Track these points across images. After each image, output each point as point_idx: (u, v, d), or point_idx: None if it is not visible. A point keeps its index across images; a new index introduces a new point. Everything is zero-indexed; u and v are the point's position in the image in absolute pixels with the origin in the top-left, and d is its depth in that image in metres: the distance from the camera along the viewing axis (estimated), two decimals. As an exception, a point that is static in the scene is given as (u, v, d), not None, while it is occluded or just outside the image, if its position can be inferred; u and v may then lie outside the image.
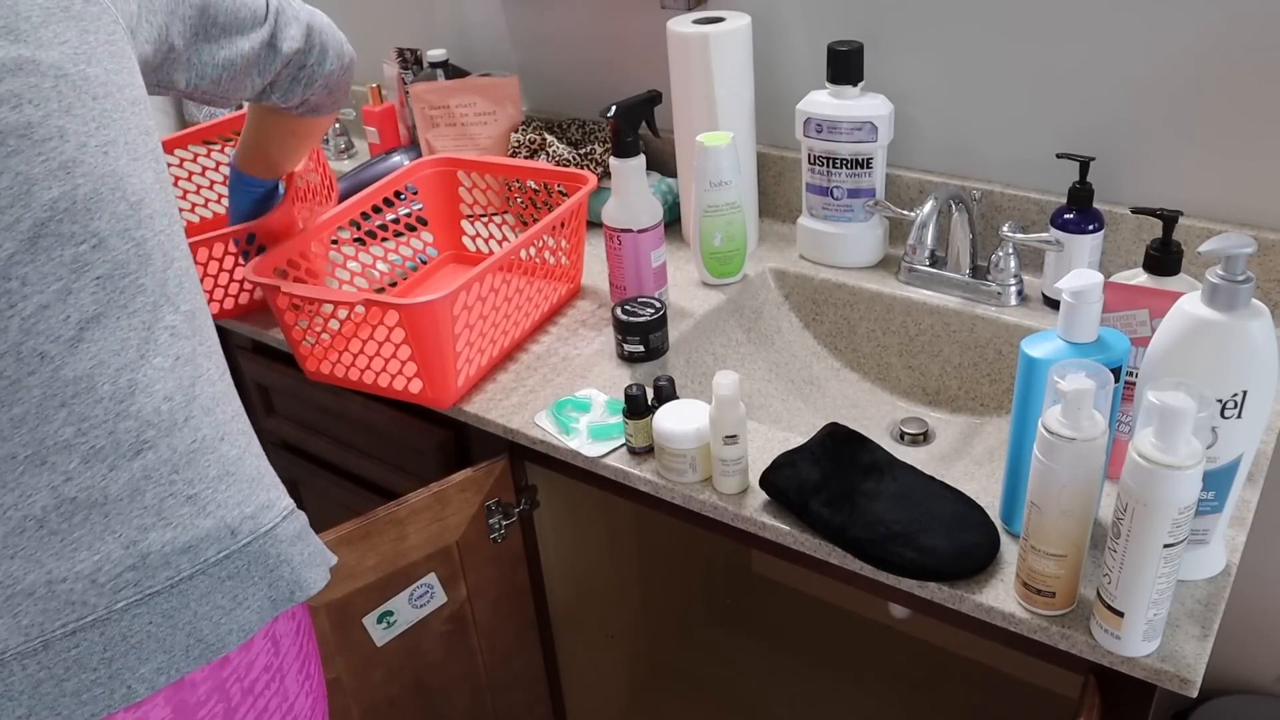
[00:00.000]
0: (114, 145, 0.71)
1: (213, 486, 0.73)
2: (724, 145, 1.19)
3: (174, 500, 0.71)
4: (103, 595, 0.68)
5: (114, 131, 0.72)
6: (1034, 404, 0.79)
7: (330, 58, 1.03)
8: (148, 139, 0.76)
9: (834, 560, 0.89)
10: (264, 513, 0.76)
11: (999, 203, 1.26)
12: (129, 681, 0.68)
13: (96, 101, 0.71)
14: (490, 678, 1.26)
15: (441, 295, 1.03)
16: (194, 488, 0.72)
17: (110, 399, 0.69)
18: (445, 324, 1.05)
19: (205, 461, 0.73)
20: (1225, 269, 0.71)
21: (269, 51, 0.96)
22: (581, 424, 1.06)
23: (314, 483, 1.47)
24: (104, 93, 0.72)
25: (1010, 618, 0.80)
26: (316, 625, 1.04)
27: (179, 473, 0.71)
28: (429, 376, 1.09)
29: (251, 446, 0.79)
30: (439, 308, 1.04)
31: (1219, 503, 0.78)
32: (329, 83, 1.04)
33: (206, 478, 0.73)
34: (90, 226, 0.69)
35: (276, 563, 0.76)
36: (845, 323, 1.30)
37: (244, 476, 0.76)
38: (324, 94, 1.05)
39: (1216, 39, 1.06)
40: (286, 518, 0.78)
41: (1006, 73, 1.21)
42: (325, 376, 1.18)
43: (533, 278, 1.21)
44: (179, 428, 0.72)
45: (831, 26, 1.31)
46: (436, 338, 1.05)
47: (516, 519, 1.18)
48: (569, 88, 1.62)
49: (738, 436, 0.92)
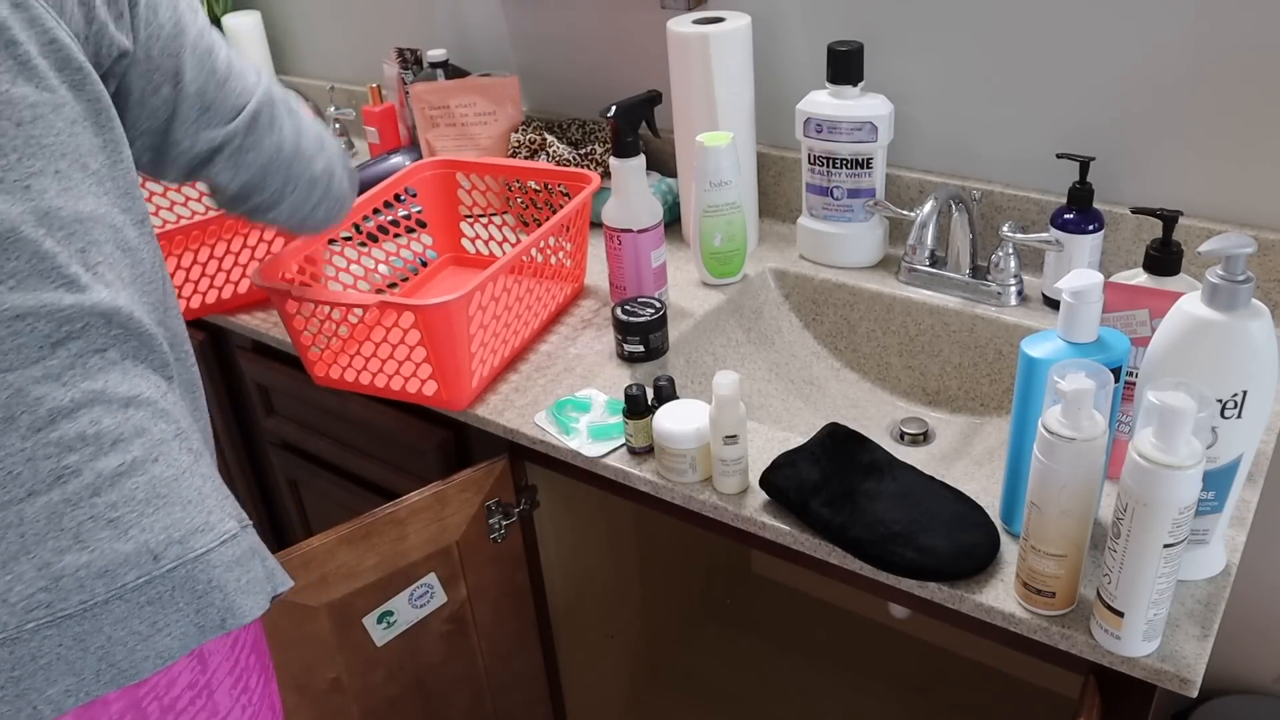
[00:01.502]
0: (40, 176, 0.68)
1: (138, 510, 0.71)
2: (724, 145, 1.19)
3: (93, 524, 0.69)
4: (14, 615, 0.67)
5: (41, 161, 0.69)
6: (1034, 404, 0.79)
7: (281, 213, 0.93)
8: (92, 159, 0.73)
9: (834, 560, 0.89)
10: (196, 537, 0.73)
11: (999, 203, 1.26)
12: (35, 702, 0.67)
13: (21, 129, 0.67)
14: (490, 678, 1.26)
15: (457, 296, 1.02)
16: (116, 511, 0.70)
17: (28, 428, 0.68)
18: (460, 325, 1.05)
19: (132, 484, 0.71)
20: (1225, 269, 0.71)
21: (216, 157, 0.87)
22: (582, 424, 1.05)
23: (314, 483, 1.47)
24: (32, 115, 0.68)
25: (1010, 618, 0.80)
26: (317, 625, 1.04)
27: (100, 495, 0.70)
28: (444, 378, 1.08)
29: (197, 466, 0.76)
30: (454, 308, 1.03)
31: (1219, 503, 0.78)
32: (278, 225, 0.96)
33: (131, 500, 0.71)
34: (6, 268, 0.67)
35: (207, 589, 0.73)
36: (845, 323, 1.30)
37: (178, 499, 0.73)
38: (276, 227, 0.97)
39: (1216, 39, 1.06)
40: (225, 542, 0.75)
41: (1006, 73, 1.21)
42: (334, 382, 1.17)
43: (540, 279, 1.21)
44: (105, 452, 0.71)
45: (831, 26, 1.31)
46: (451, 339, 1.05)
47: (516, 519, 1.18)
48: (569, 88, 1.62)
49: (738, 436, 0.92)
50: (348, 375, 1.16)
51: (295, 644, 1.04)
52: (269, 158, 0.88)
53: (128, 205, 0.76)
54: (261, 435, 1.53)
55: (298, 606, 1.02)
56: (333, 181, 0.96)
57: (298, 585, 1.01)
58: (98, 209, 0.73)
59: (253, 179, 0.88)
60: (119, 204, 0.75)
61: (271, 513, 1.68)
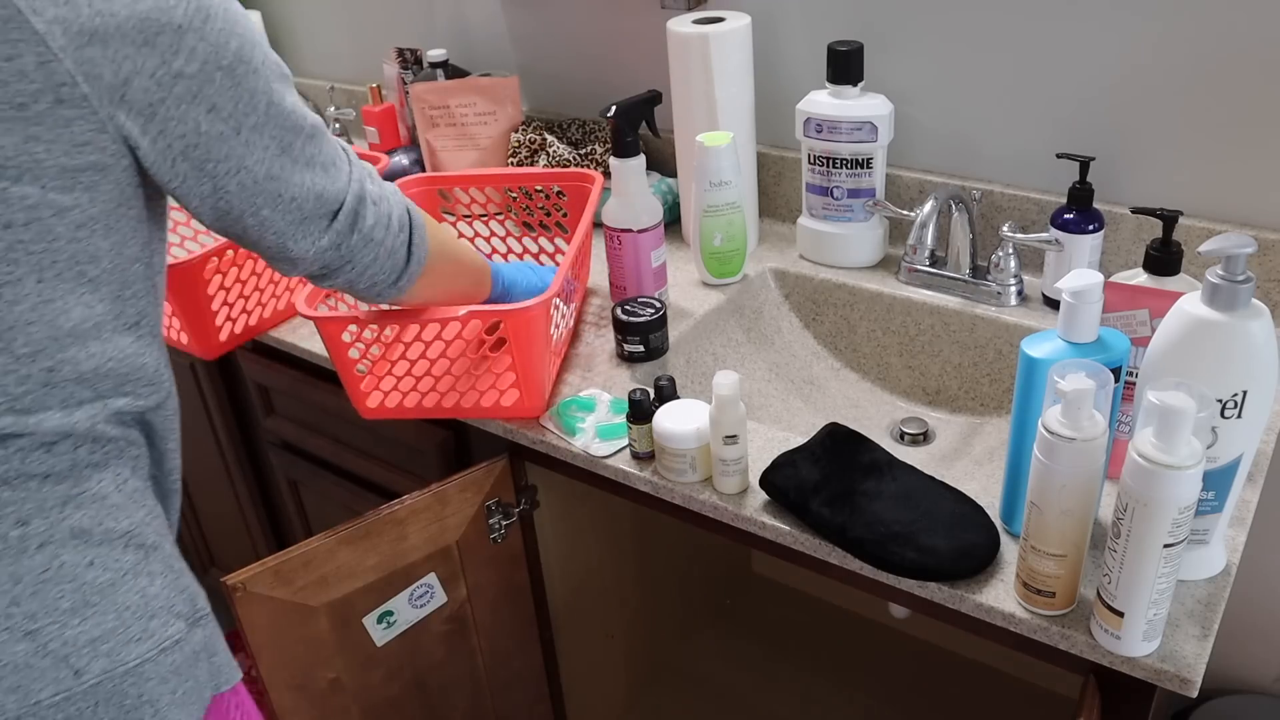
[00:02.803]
0: (15, 285, 0.62)
1: (61, 621, 0.66)
2: (724, 145, 1.19)
3: (8, 635, 0.65)
4: None
5: (22, 269, 0.62)
6: (1034, 404, 0.79)
7: (354, 276, 0.84)
8: (94, 265, 0.66)
9: (834, 560, 0.89)
10: (130, 647, 0.68)
11: (999, 203, 1.26)
12: None
13: (8, 231, 0.61)
14: (490, 678, 1.26)
15: (540, 300, 1.00)
16: (35, 622, 0.66)
17: None
18: (544, 328, 1.02)
19: (57, 592, 0.66)
20: (1225, 269, 0.71)
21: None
22: (588, 423, 1.05)
23: (314, 483, 1.47)
24: (26, 219, 0.61)
25: (1010, 618, 0.80)
26: (317, 625, 1.04)
27: (19, 605, 0.65)
28: (527, 386, 1.05)
29: (145, 564, 0.71)
30: (538, 313, 1.00)
31: (1219, 503, 0.78)
32: (348, 289, 0.86)
33: (55, 610, 0.66)
34: None
35: (136, 703, 0.68)
36: (845, 323, 1.30)
37: (111, 606, 0.68)
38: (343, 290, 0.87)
39: (1217, 39, 1.06)
40: (165, 650, 0.71)
41: (1006, 73, 1.21)
42: (388, 412, 1.09)
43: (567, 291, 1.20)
44: (29, 554, 0.66)
45: (831, 26, 1.31)
46: (533, 344, 1.02)
47: (516, 519, 1.18)
48: (569, 88, 1.62)
49: (738, 436, 0.92)
50: (408, 401, 1.09)
51: (295, 644, 1.04)
52: (349, 250, 0.81)
53: (122, 309, 0.70)
54: (261, 435, 1.53)
55: (298, 606, 1.02)
56: (396, 249, 0.86)
57: (297, 585, 1.01)
58: (85, 321, 0.66)
59: (335, 257, 0.81)
60: (115, 308, 0.69)
61: (271, 513, 1.68)
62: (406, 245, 0.86)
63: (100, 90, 0.61)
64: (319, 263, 0.80)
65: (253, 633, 0.99)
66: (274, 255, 0.78)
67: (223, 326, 1.24)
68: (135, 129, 0.64)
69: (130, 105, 0.62)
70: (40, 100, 0.59)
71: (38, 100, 0.59)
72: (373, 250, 0.82)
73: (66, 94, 0.59)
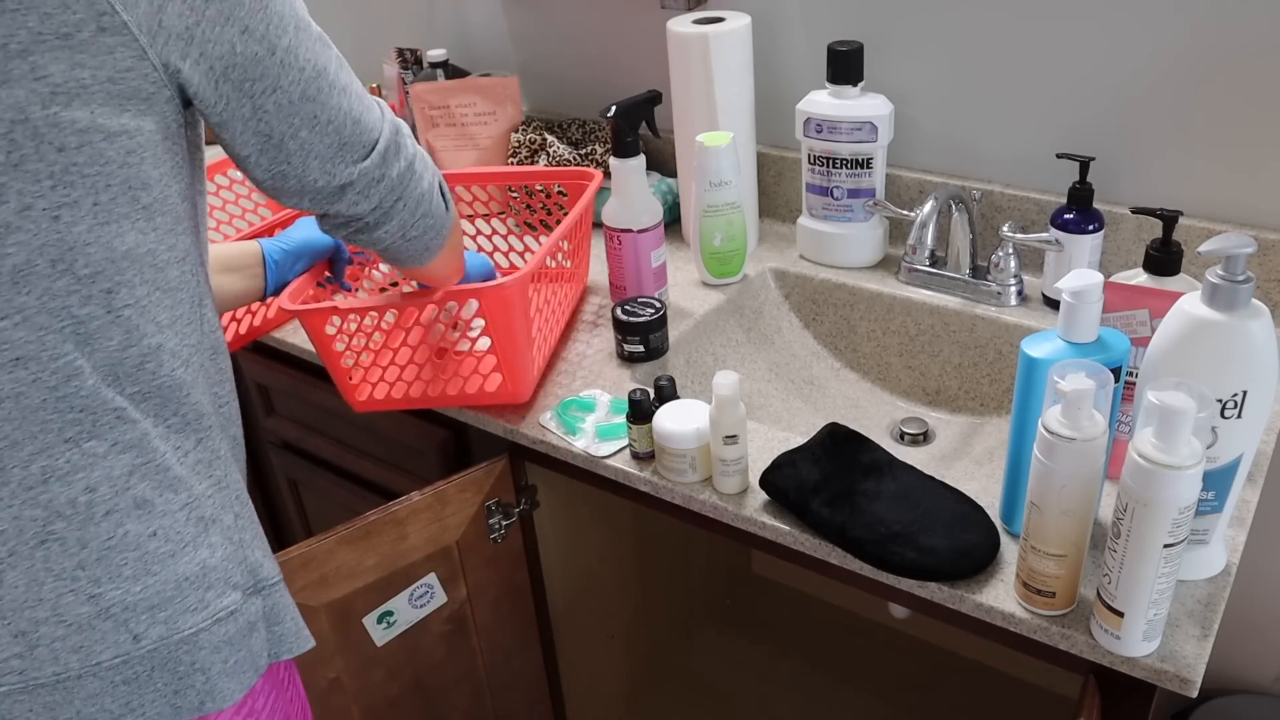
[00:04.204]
0: (73, 208, 0.64)
1: (123, 587, 0.69)
2: (724, 145, 1.19)
3: (73, 598, 0.68)
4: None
5: (79, 191, 0.64)
6: (1034, 404, 0.79)
7: (390, 228, 0.84)
8: (145, 193, 0.68)
9: (834, 560, 0.89)
10: (185, 617, 0.71)
11: (999, 203, 1.26)
12: None
13: (63, 154, 0.63)
14: (490, 678, 1.26)
15: (515, 278, 0.99)
16: (99, 586, 0.68)
17: (18, 484, 0.66)
18: (522, 307, 1.02)
19: (120, 560, 0.69)
20: (1225, 269, 0.71)
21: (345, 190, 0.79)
22: (588, 423, 1.05)
23: (314, 483, 1.47)
24: (79, 142, 0.64)
25: (1010, 618, 0.80)
26: (317, 625, 1.04)
27: (85, 569, 0.68)
28: (509, 368, 1.05)
29: (205, 537, 0.73)
30: (513, 290, 0.99)
31: (1219, 503, 0.78)
32: (378, 246, 0.86)
33: (118, 577, 0.69)
34: (15, 302, 0.64)
35: (189, 670, 0.71)
36: (845, 323, 1.30)
37: (171, 576, 0.71)
38: (373, 248, 0.87)
39: (1217, 39, 1.06)
40: (220, 620, 0.73)
41: (1006, 72, 1.21)
42: (378, 404, 1.10)
43: (559, 283, 1.19)
44: (95, 522, 0.68)
45: (831, 26, 1.31)
46: (512, 323, 1.01)
47: (516, 519, 1.18)
48: (569, 88, 1.62)
49: (738, 436, 0.92)
50: (395, 392, 1.09)
51: (295, 644, 1.04)
52: (392, 184, 0.82)
53: (175, 242, 0.71)
54: (261, 435, 1.53)
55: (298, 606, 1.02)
56: (435, 196, 0.87)
57: (297, 585, 1.01)
58: (139, 246, 0.68)
59: (374, 204, 0.82)
60: (168, 240, 0.70)
61: (271, 513, 1.68)
62: (442, 195, 0.88)
63: (138, 18, 0.64)
64: (369, 200, 0.80)
65: (253, 633, 0.99)
66: (322, 193, 0.78)
67: (228, 328, 1.24)
68: (175, 53, 0.67)
69: (168, 31, 0.66)
70: (84, 29, 0.62)
71: (81, 29, 0.62)
72: (415, 187, 0.83)
73: (108, 22, 0.63)
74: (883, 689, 1.66)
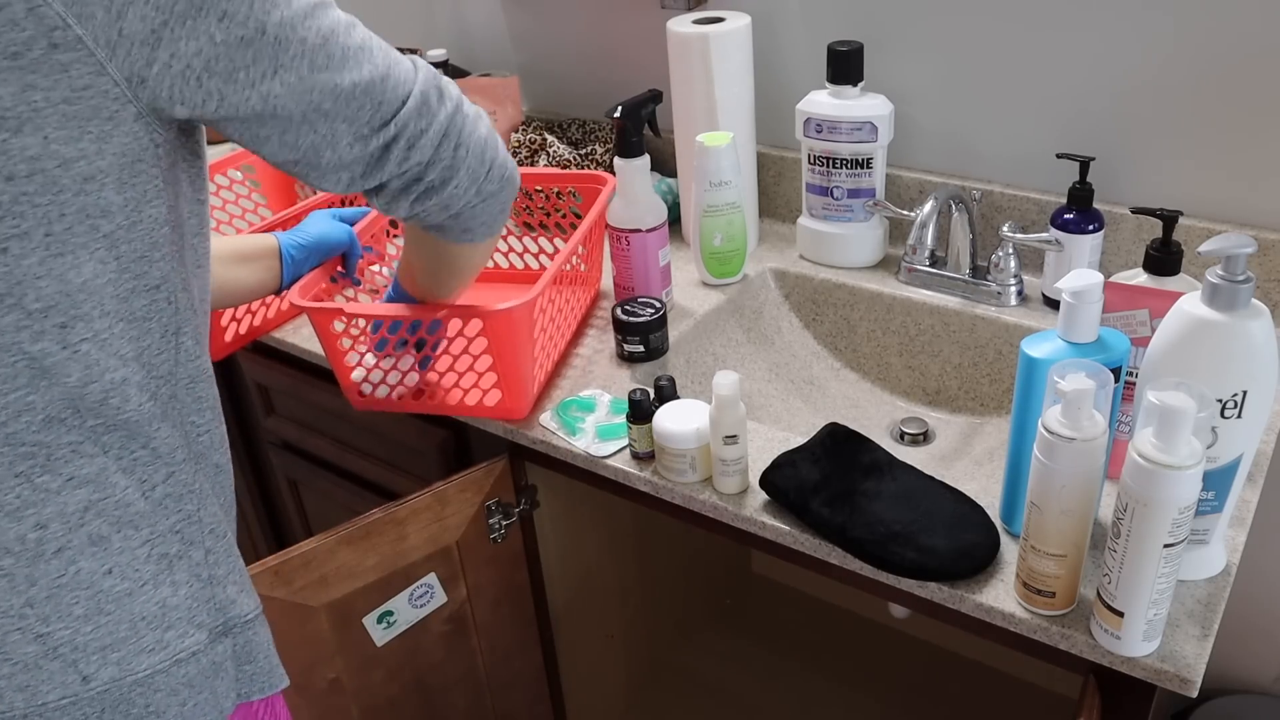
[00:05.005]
0: (23, 239, 0.60)
1: (73, 626, 0.66)
2: (724, 145, 1.19)
3: (20, 635, 0.65)
4: None
5: (29, 222, 0.60)
6: (1034, 404, 0.79)
7: (461, 181, 0.78)
8: (107, 220, 0.63)
9: (834, 560, 0.89)
10: (141, 657, 0.68)
11: (999, 203, 1.26)
12: None
13: (11, 184, 0.59)
14: (490, 678, 1.26)
15: (523, 301, 0.99)
16: (47, 625, 0.66)
17: None
18: (526, 329, 1.02)
19: (71, 598, 0.66)
20: (1225, 269, 0.71)
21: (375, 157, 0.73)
22: (588, 424, 1.05)
23: (314, 483, 1.47)
24: (29, 170, 0.59)
25: (1010, 618, 0.80)
26: (317, 625, 1.04)
27: (33, 607, 0.65)
28: (509, 387, 1.05)
29: (167, 574, 0.70)
30: (519, 314, 1.00)
31: (1219, 503, 0.78)
32: (453, 207, 0.80)
33: (68, 616, 0.66)
34: None
35: (143, 713, 0.68)
36: (845, 323, 1.30)
37: (126, 615, 0.68)
38: (444, 215, 0.80)
39: (1217, 39, 1.06)
40: (179, 662, 0.70)
41: (1006, 72, 1.21)
42: (378, 404, 1.11)
43: (573, 286, 1.20)
44: (45, 559, 0.65)
45: (831, 26, 1.31)
46: (516, 345, 1.01)
47: (516, 519, 1.18)
48: (569, 87, 1.62)
49: (738, 436, 0.92)
50: (395, 395, 1.10)
51: (295, 644, 1.04)
52: (442, 129, 0.75)
53: (146, 270, 0.66)
54: (261, 435, 1.53)
55: (298, 606, 1.02)
56: (499, 144, 0.81)
57: (297, 585, 1.01)
58: (98, 277, 0.63)
59: (427, 156, 0.75)
60: (136, 268, 0.66)
61: (271, 513, 1.68)
62: (503, 161, 0.80)
63: (95, 30, 0.58)
64: (420, 151, 0.73)
65: (253, 633, 1.00)
66: (362, 161, 0.72)
67: (228, 327, 1.24)
68: (140, 62, 0.61)
69: (131, 39, 0.60)
70: (34, 47, 0.57)
71: (31, 48, 0.57)
72: (473, 130, 0.76)
73: (60, 38, 0.58)
74: (883, 689, 1.66)
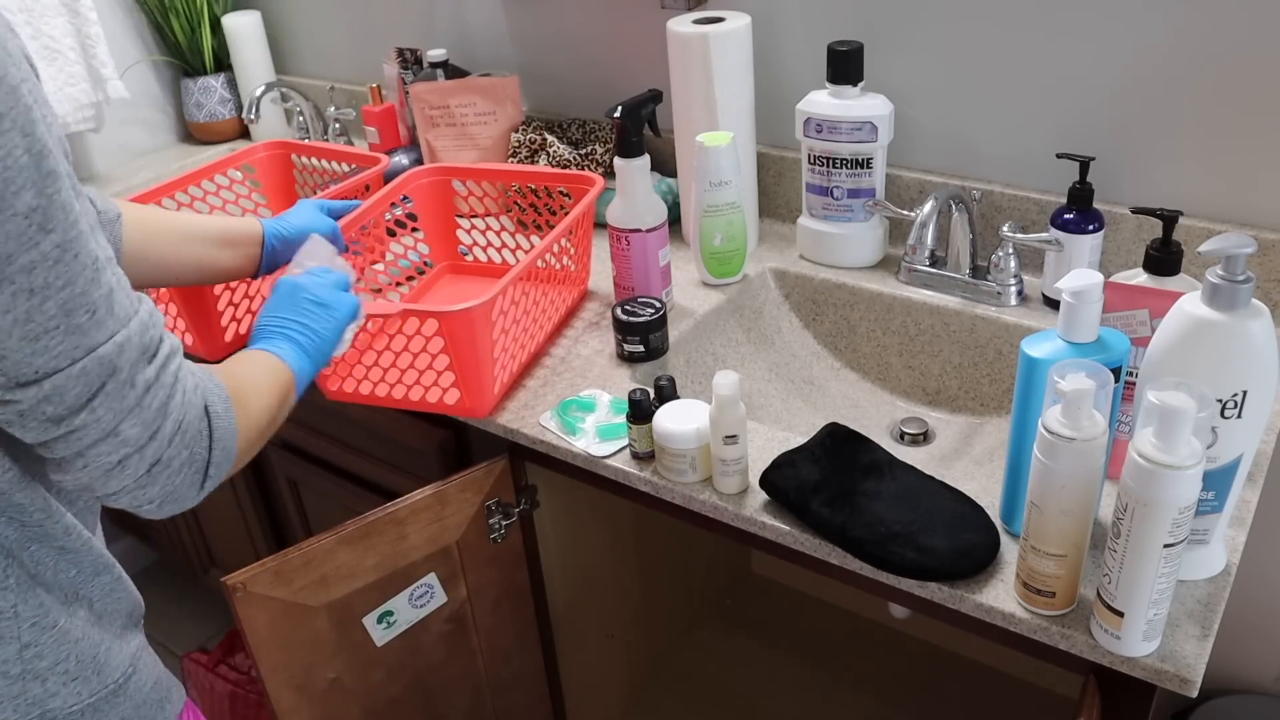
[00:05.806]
0: None
1: None
2: (724, 145, 1.19)
3: None
4: None
5: None
6: (1034, 404, 0.79)
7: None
8: None
9: (834, 560, 0.89)
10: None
11: (999, 203, 1.26)
12: None
13: None
14: (490, 678, 1.26)
15: (480, 301, 1.01)
16: None
17: None
18: (484, 331, 1.03)
19: None
20: (1225, 269, 0.71)
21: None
22: (588, 423, 1.05)
23: (314, 483, 1.47)
24: None
25: (1010, 618, 0.80)
26: (317, 625, 1.04)
27: None
28: (466, 386, 1.06)
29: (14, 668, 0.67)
30: (478, 314, 1.01)
31: (1219, 503, 0.78)
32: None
33: None
34: None
35: None
36: (845, 323, 1.30)
37: None
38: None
39: (1217, 39, 1.06)
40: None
41: (1007, 72, 1.21)
42: (347, 396, 1.13)
43: (552, 284, 1.20)
44: None
45: (831, 26, 1.31)
46: (475, 345, 1.03)
47: (516, 519, 1.18)
48: (569, 88, 1.62)
49: (738, 436, 0.92)
50: (363, 388, 1.12)
51: (295, 644, 1.04)
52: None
53: None
54: (261, 435, 1.53)
55: (298, 606, 1.02)
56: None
57: (297, 585, 1.01)
58: None
59: None
60: None
61: (271, 513, 1.68)
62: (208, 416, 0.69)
63: None
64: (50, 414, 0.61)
65: (253, 633, 0.99)
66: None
67: (228, 327, 1.25)
68: None
69: None
70: None
71: None
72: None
73: None
74: (883, 689, 1.66)
